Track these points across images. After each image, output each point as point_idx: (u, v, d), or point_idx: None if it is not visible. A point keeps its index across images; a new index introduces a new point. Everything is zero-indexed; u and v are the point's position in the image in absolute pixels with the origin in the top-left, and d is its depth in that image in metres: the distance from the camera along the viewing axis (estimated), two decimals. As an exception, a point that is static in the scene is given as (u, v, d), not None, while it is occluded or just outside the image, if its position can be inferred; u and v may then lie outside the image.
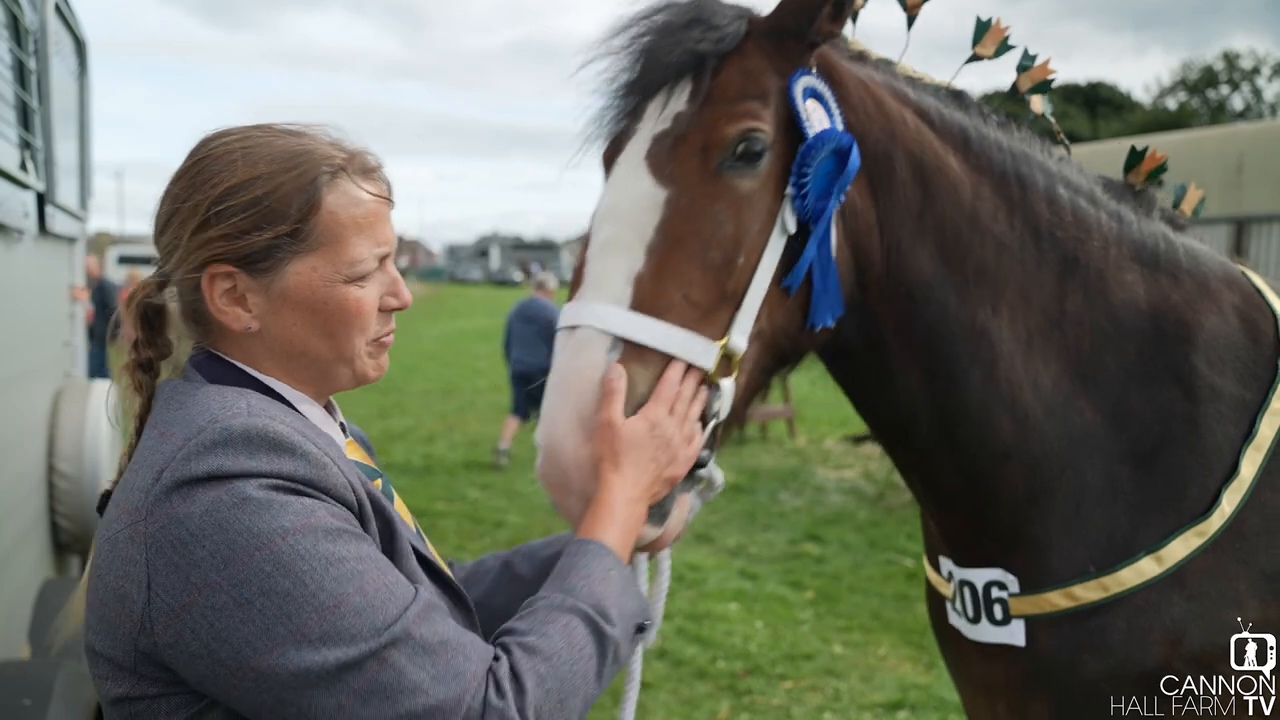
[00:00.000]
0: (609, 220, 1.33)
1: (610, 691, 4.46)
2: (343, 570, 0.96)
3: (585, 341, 1.25)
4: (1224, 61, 44.81)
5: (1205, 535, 1.41)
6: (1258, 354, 1.51)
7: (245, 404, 1.04)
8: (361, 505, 1.06)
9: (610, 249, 1.30)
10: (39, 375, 3.42)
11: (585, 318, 1.26)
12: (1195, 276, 1.56)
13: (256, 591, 0.93)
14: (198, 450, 0.97)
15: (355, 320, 1.13)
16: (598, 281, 1.29)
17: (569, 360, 1.25)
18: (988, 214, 1.48)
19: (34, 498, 3.24)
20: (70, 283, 4.15)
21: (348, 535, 0.99)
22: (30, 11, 3.18)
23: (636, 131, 1.38)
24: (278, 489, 0.97)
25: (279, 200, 1.07)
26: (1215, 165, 8.84)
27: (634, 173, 1.34)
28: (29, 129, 3.12)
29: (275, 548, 0.94)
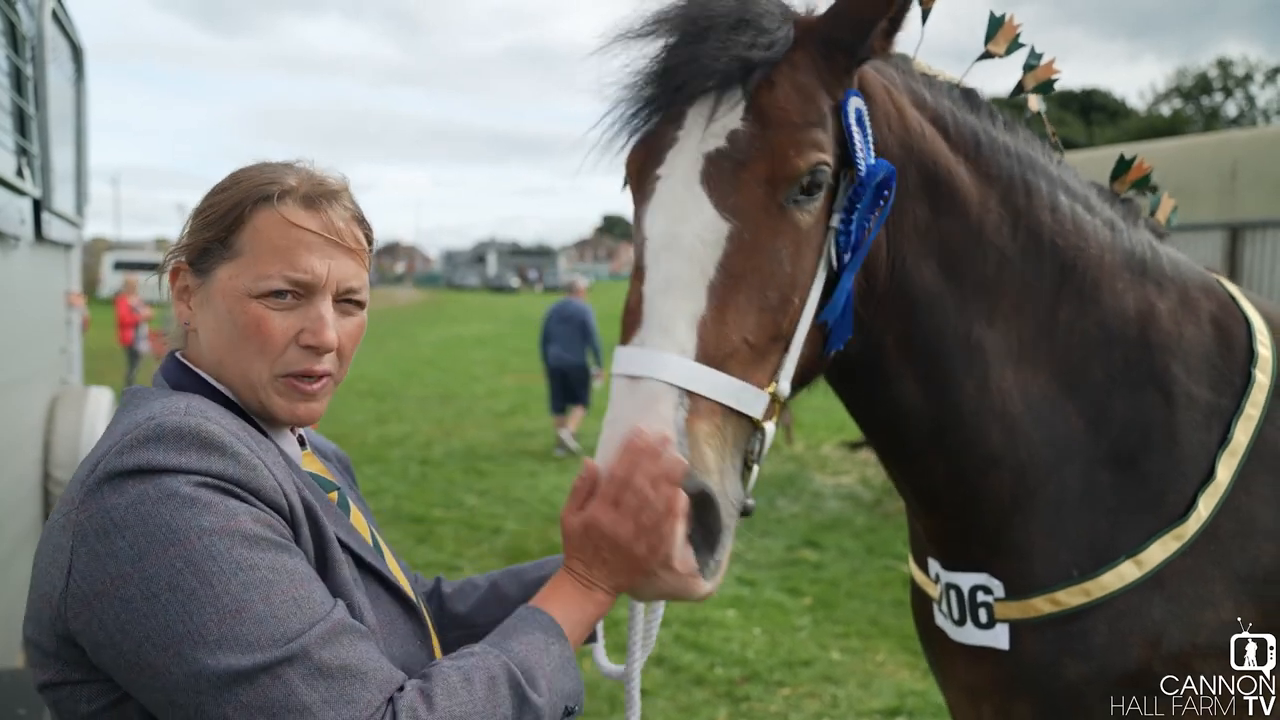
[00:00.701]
0: (672, 253, 1.25)
1: (607, 698, 4.45)
2: (252, 577, 0.96)
3: (656, 396, 1.18)
4: (1218, 68, 45.03)
5: (1183, 539, 1.43)
6: (1232, 361, 1.54)
7: (185, 404, 1.07)
8: (293, 510, 1.07)
9: (674, 288, 1.23)
10: (35, 381, 3.41)
11: (654, 368, 1.19)
12: (1177, 285, 1.58)
13: (164, 586, 0.94)
14: (130, 445, 1.00)
15: (254, 337, 1.13)
16: (664, 326, 1.21)
17: (636, 415, 1.17)
18: (993, 227, 1.48)
19: (30, 504, 3.23)
20: (67, 289, 4.14)
21: (266, 543, 0.99)
22: (27, 18, 3.18)
23: (677, 142, 1.30)
24: (205, 486, 0.99)
25: (218, 211, 1.17)
26: (1210, 172, 8.88)
27: (692, 197, 1.26)
28: (25, 135, 3.12)
29: (190, 545, 0.95)
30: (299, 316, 1.15)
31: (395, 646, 1.14)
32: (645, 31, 1.32)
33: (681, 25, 1.29)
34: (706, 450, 1.18)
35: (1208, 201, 8.76)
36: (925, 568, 1.70)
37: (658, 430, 1.15)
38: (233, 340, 1.14)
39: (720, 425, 1.20)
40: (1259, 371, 1.51)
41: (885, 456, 1.62)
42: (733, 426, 1.22)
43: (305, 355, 1.15)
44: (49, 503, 3.45)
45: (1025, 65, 1.61)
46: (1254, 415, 1.49)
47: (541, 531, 7.23)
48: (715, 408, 1.20)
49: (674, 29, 1.30)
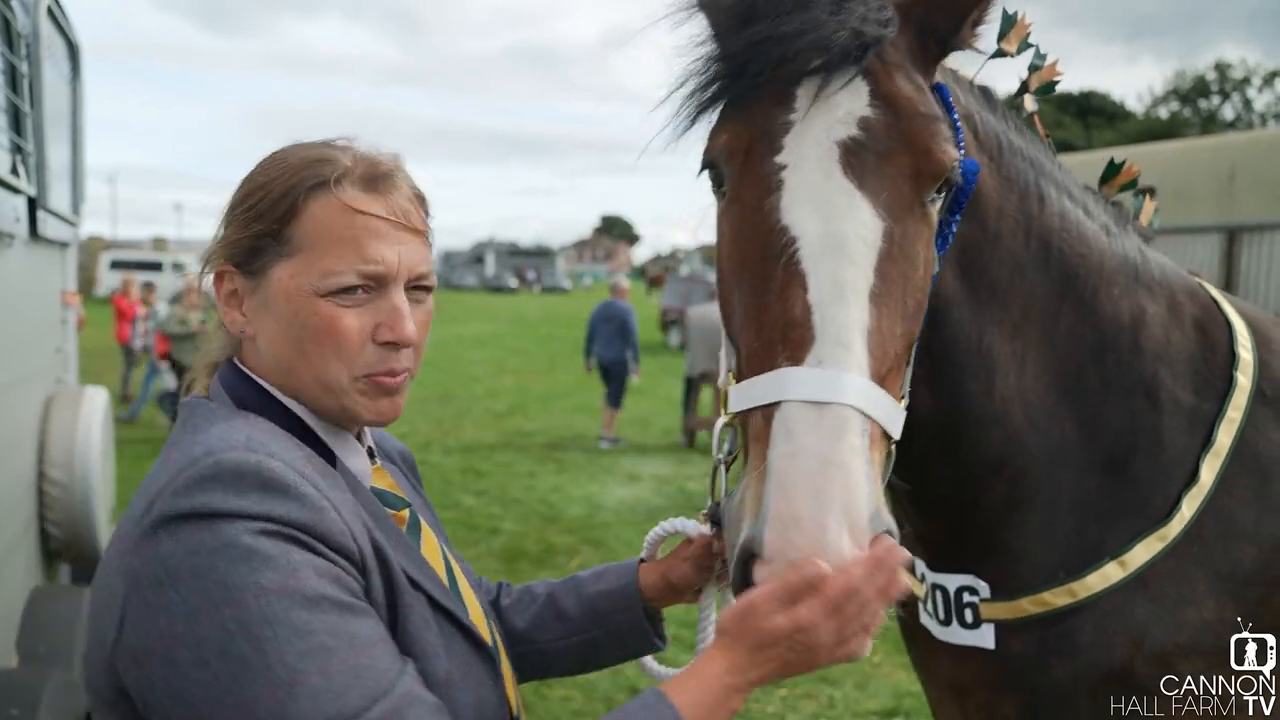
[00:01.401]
0: (837, 256, 1.10)
1: (604, 699, 4.44)
2: (309, 644, 0.87)
3: (845, 425, 1.02)
4: (1215, 72, 45.12)
5: (1166, 539, 1.44)
6: (1214, 364, 1.55)
7: (245, 436, 0.98)
8: (363, 555, 0.98)
9: (847, 296, 1.08)
10: (30, 381, 3.40)
11: (841, 391, 1.03)
12: (1165, 289, 1.59)
13: (215, 651, 0.87)
14: (187, 485, 0.92)
15: (328, 340, 1.04)
16: (843, 341, 1.06)
17: (829, 448, 1.00)
18: (1009, 231, 1.46)
19: (24, 504, 3.22)
20: (62, 288, 4.13)
21: (328, 603, 0.90)
22: (22, 15, 3.17)
23: (793, 126, 1.15)
24: (266, 534, 0.90)
25: (266, 202, 1.06)
26: (1208, 174, 8.90)
27: (842, 193, 1.13)
28: (20, 133, 3.11)
29: (244, 606, 0.87)
30: (373, 311, 1.05)
31: (468, 691, 1.07)
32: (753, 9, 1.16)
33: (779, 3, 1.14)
34: (880, 486, 1.05)
35: (1206, 204, 8.78)
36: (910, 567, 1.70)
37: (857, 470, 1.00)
38: (303, 345, 1.04)
39: (882, 453, 1.08)
40: (1240, 374, 1.53)
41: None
42: (880, 450, 1.08)
43: (384, 353, 1.06)
44: (43, 503, 3.44)
45: (1030, 66, 1.60)
46: (1235, 418, 1.50)
47: (539, 532, 7.22)
48: (879, 432, 1.07)
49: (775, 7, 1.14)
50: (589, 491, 8.73)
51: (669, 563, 1.39)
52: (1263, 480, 1.48)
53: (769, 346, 1.09)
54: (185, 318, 10.82)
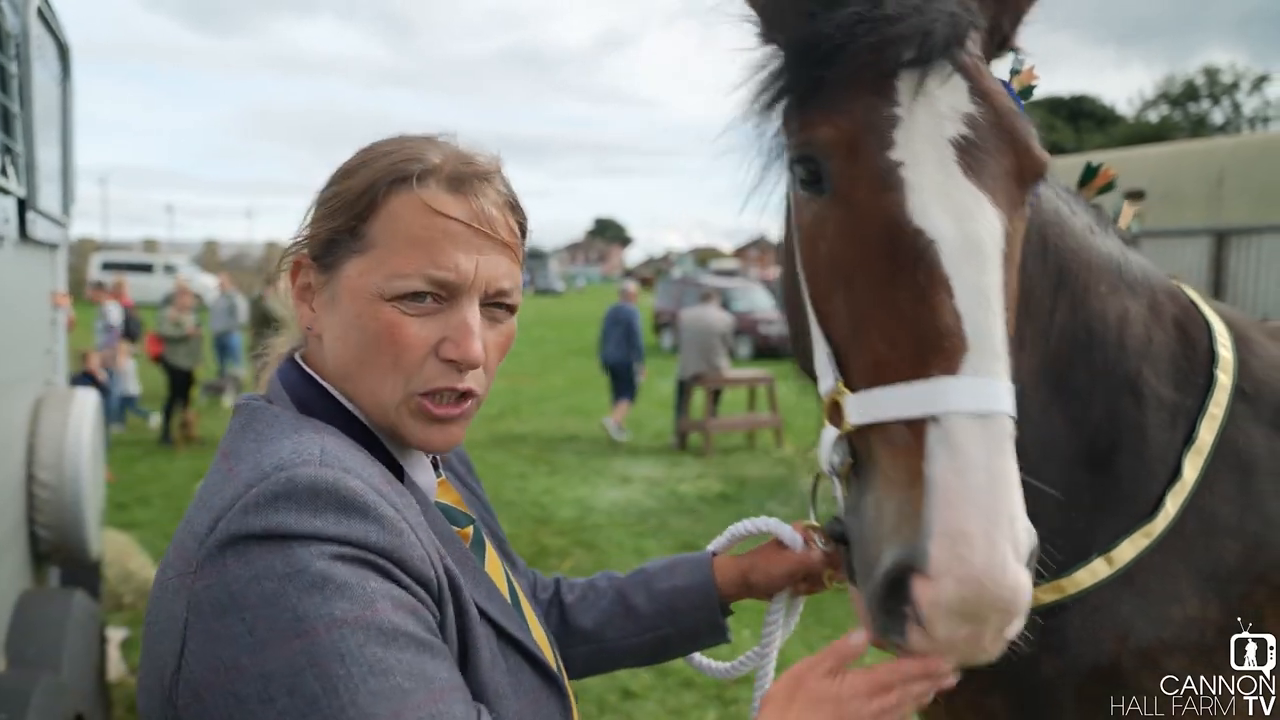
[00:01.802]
0: (978, 261, 1.06)
1: (596, 701, 4.43)
2: (385, 685, 0.80)
3: (1006, 435, 1.01)
4: (1205, 76, 45.42)
5: (1151, 536, 1.45)
6: (1195, 362, 1.57)
7: (319, 449, 0.90)
8: (440, 584, 0.91)
9: (993, 302, 1.05)
10: (19, 383, 3.38)
11: (1004, 402, 1.01)
12: (1147, 290, 1.61)
13: (283, 689, 0.79)
14: (257, 502, 0.84)
15: (387, 348, 0.96)
16: (997, 350, 1.04)
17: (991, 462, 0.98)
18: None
19: (12, 507, 3.20)
20: (52, 289, 4.11)
21: (405, 639, 0.83)
22: (11, 15, 3.16)
23: (901, 121, 1.10)
24: (342, 559, 0.83)
25: (349, 194, 0.99)
26: (1197, 178, 8.96)
27: (967, 193, 1.09)
28: (9, 134, 3.10)
29: (316, 639, 0.80)
30: (440, 324, 0.97)
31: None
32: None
33: None
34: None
35: (1195, 207, 8.84)
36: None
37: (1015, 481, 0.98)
38: (362, 350, 0.97)
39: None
40: (1221, 372, 1.55)
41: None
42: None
43: (445, 370, 0.97)
44: (33, 505, 3.42)
45: (1011, 70, 1.62)
46: (1217, 415, 1.52)
47: (531, 534, 7.22)
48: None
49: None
50: (581, 494, 8.73)
51: (751, 562, 1.37)
52: (1243, 477, 1.50)
53: (911, 355, 1.03)
54: (179, 320, 10.74)
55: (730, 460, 10.21)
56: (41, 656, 2.77)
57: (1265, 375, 1.58)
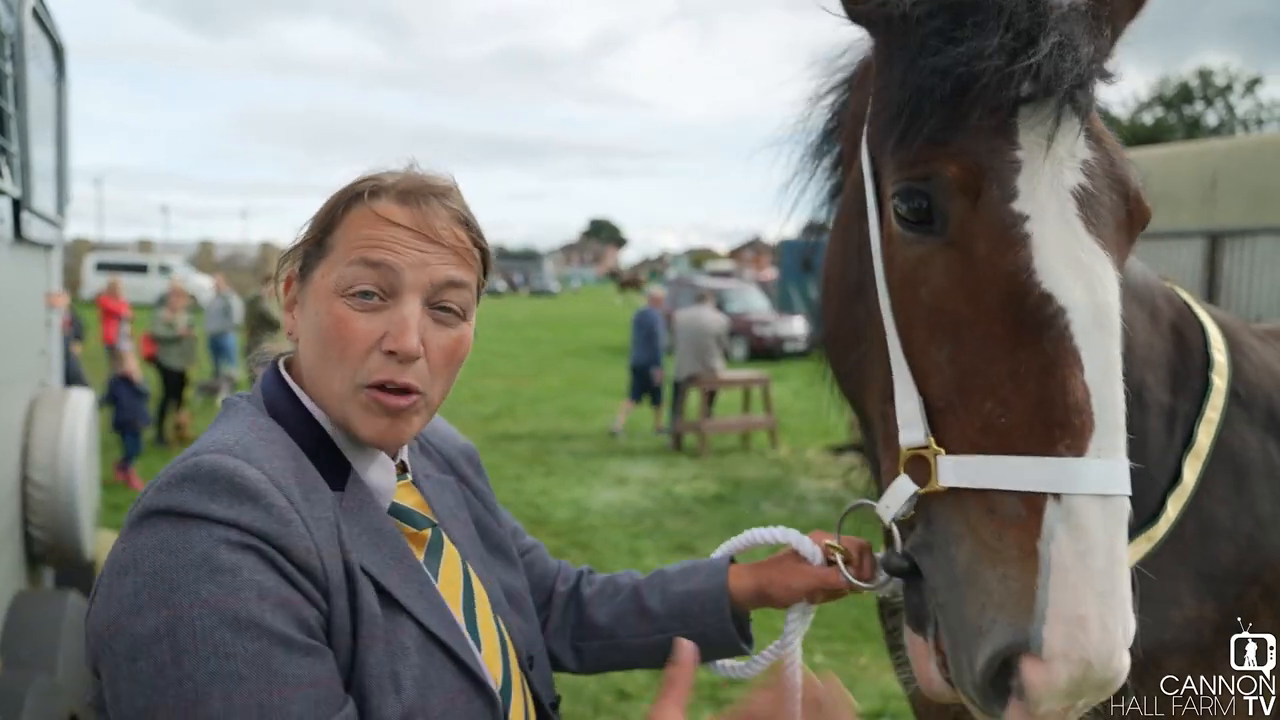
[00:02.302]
0: (1109, 332, 1.02)
1: (591, 702, 4.43)
2: (224, 668, 0.87)
3: (1124, 518, 1.01)
4: (1199, 78, 45.58)
5: (1154, 540, 1.46)
6: (1191, 366, 1.57)
7: (234, 440, 0.99)
8: (327, 576, 0.97)
9: (1116, 378, 1.02)
10: (14, 383, 3.37)
11: (1125, 485, 1.01)
12: (1148, 296, 1.62)
13: (143, 652, 0.88)
14: (168, 482, 0.95)
15: (335, 340, 1.04)
16: (1119, 427, 1.02)
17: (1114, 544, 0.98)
18: None
19: (7, 508, 3.19)
20: (47, 290, 4.10)
21: (258, 631, 0.89)
22: (6, 16, 3.15)
23: (1023, 166, 1.06)
24: (227, 543, 0.91)
25: (320, 215, 1.12)
26: (1190, 180, 8.98)
27: (1092, 255, 1.04)
28: (4, 134, 3.09)
29: (180, 613, 0.88)
30: (384, 319, 1.04)
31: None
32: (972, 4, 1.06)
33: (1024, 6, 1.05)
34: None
35: (1189, 209, 8.86)
36: None
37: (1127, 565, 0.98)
38: (319, 345, 1.06)
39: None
40: (1216, 376, 1.56)
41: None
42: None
43: (387, 363, 1.04)
44: (27, 506, 3.41)
45: None
46: (1214, 419, 1.53)
47: (532, 534, 7.21)
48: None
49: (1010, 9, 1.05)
50: (576, 495, 8.73)
51: (769, 576, 1.39)
52: (1239, 479, 1.51)
53: (1035, 427, 1.00)
54: (171, 321, 10.72)
55: (725, 461, 10.22)
56: (36, 657, 2.76)
57: (1257, 379, 1.60)
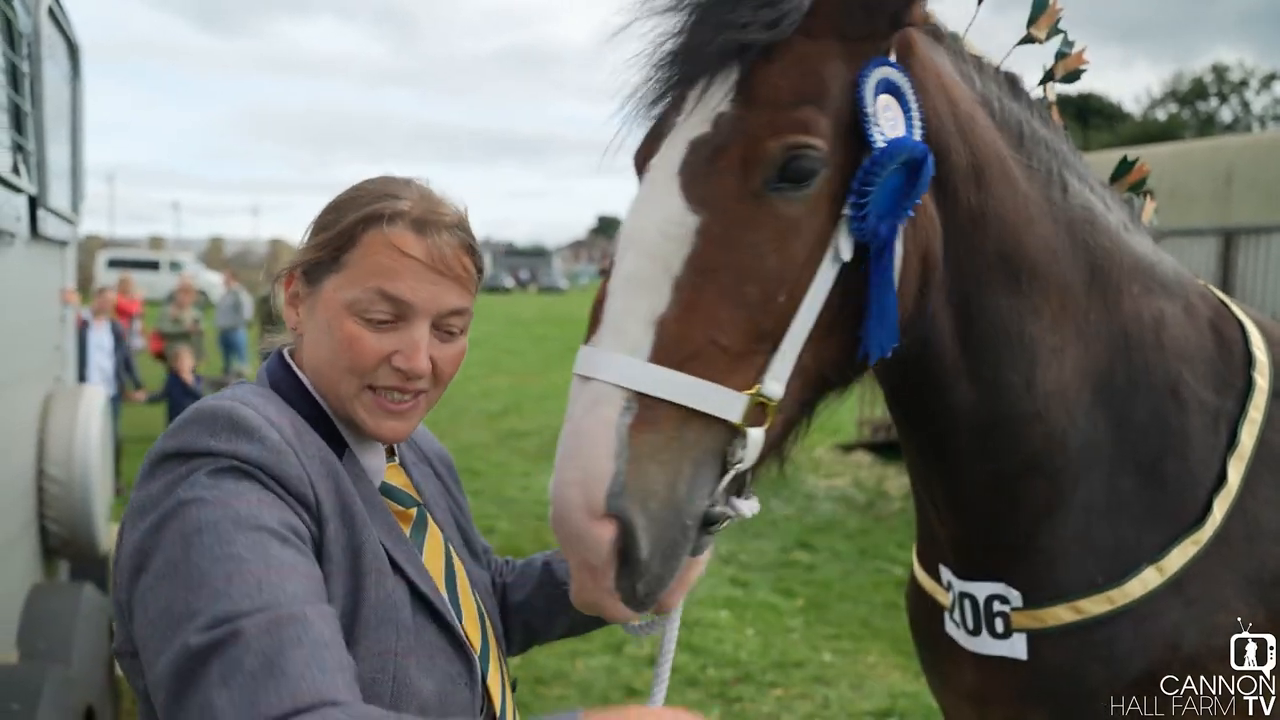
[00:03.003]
0: (632, 249, 1.18)
1: (600, 698, 4.45)
2: (227, 551, 0.95)
3: (599, 398, 1.12)
4: (1213, 74, 45.20)
5: (1200, 543, 1.43)
6: (1232, 365, 1.55)
7: (236, 392, 1.12)
8: (320, 504, 1.07)
9: (632, 285, 1.16)
10: (29, 379, 3.41)
11: (601, 369, 1.13)
12: (1180, 290, 1.59)
13: (159, 558, 0.97)
14: (175, 428, 1.07)
15: (345, 353, 1.16)
16: (616, 325, 1.15)
17: (578, 419, 1.12)
18: (1040, 215, 1.43)
19: (23, 502, 3.23)
20: (62, 286, 4.13)
21: (255, 525, 0.98)
22: (23, 15, 3.18)
23: (674, 129, 1.22)
24: (227, 470, 1.02)
25: (335, 230, 1.20)
26: (1204, 177, 8.92)
27: (665, 189, 1.19)
28: (21, 132, 3.12)
29: (186, 514, 0.98)
30: (394, 339, 1.17)
31: (424, 677, 1.12)
32: (656, 9, 1.23)
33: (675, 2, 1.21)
34: (649, 467, 1.10)
35: (1202, 207, 8.80)
36: (935, 574, 1.68)
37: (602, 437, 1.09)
38: (329, 352, 1.18)
39: (677, 432, 1.12)
40: (1258, 375, 1.52)
41: (921, 459, 1.57)
42: (696, 432, 1.13)
43: (394, 375, 1.18)
44: (43, 500, 3.45)
45: (1058, 52, 1.56)
46: (1257, 419, 1.50)
47: (535, 532, 7.24)
48: (672, 412, 1.12)
49: (677, 5, 1.21)
50: (586, 491, 8.72)
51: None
52: None
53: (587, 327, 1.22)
54: (179, 316, 10.79)
55: (735, 458, 10.19)
56: (52, 649, 2.79)
57: None
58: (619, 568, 1.11)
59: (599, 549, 1.09)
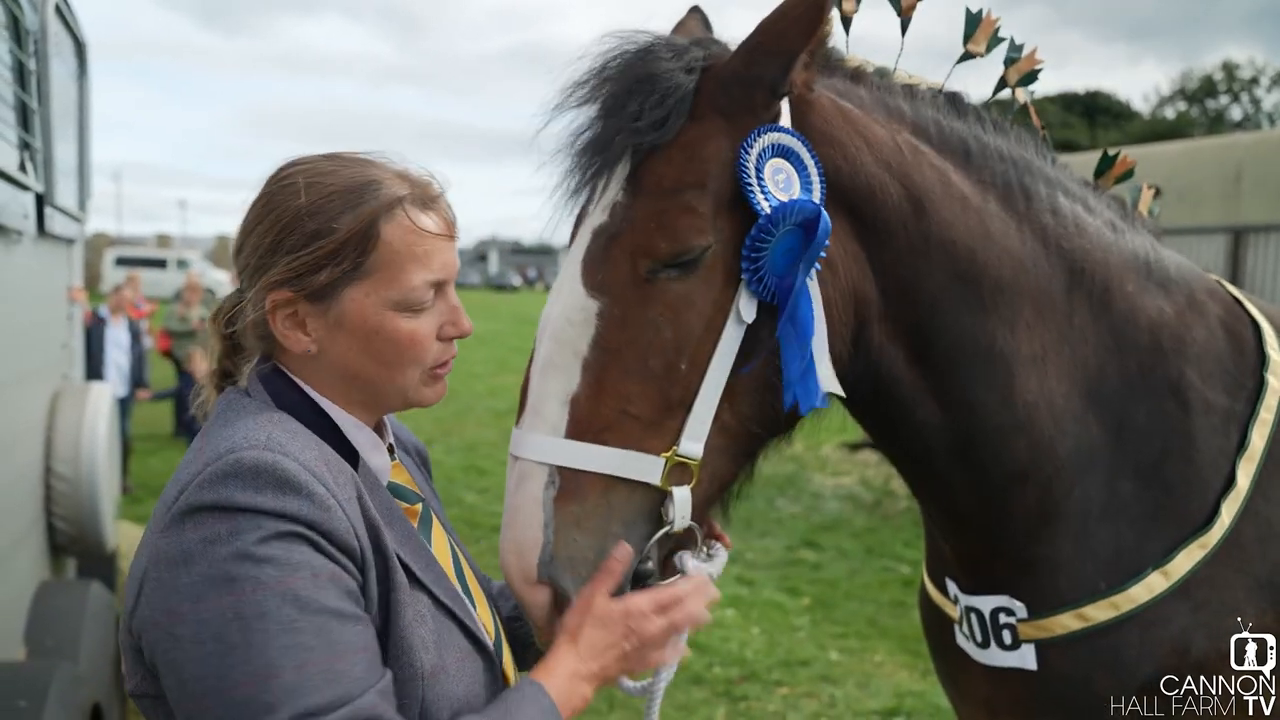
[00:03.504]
0: (545, 336, 1.28)
1: (605, 695, 4.45)
2: (293, 641, 0.95)
3: (524, 475, 1.23)
4: (1223, 71, 44.95)
5: (1207, 547, 1.42)
6: (1243, 365, 1.52)
7: (265, 436, 1.05)
8: (364, 553, 1.06)
9: (547, 369, 1.26)
10: (37, 377, 3.42)
11: (524, 448, 1.24)
12: (1183, 287, 1.56)
13: (210, 634, 0.95)
14: (210, 479, 1.00)
15: (408, 351, 1.14)
16: (535, 407, 1.25)
17: (511, 495, 1.24)
18: (999, 229, 1.43)
19: (31, 499, 3.24)
20: (69, 284, 4.15)
21: (317, 607, 0.97)
22: (30, 12, 3.19)
23: (585, 218, 1.31)
24: (277, 535, 0.98)
25: (341, 238, 1.10)
26: (1213, 175, 8.88)
27: (570, 276, 1.28)
28: (28, 130, 3.13)
29: (244, 597, 0.95)
30: (436, 313, 1.17)
31: (460, 685, 1.12)
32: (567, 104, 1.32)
33: (584, 98, 1.30)
34: (574, 534, 1.20)
35: (1211, 205, 8.76)
36: (943, 588, 1.67)
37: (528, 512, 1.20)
38: (382, 356, 1.14)
39: (603, 499, 1.22)
40: (1271, 375, 1.50)
41: (912, 480, 1.59)
42: (622, 497, 1.23)
43: (446, 347, 1.19)
44: (50, 498, 3.46)
45: (1006, 59, 1.56)
46: (1268, 420, 1.47)
47: (541, 530, 7.24)
48: (595, 481, 1.22)
49: (580, 101, 1.30)
50: (592, 489, 8.72)
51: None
52: None
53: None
54: (185, 315, 10.82)
55: (741, 457, 10.19)
56: (60, 646, 2.80)
57: None
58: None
59: (538, 610, 1.22)
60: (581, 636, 1.16)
